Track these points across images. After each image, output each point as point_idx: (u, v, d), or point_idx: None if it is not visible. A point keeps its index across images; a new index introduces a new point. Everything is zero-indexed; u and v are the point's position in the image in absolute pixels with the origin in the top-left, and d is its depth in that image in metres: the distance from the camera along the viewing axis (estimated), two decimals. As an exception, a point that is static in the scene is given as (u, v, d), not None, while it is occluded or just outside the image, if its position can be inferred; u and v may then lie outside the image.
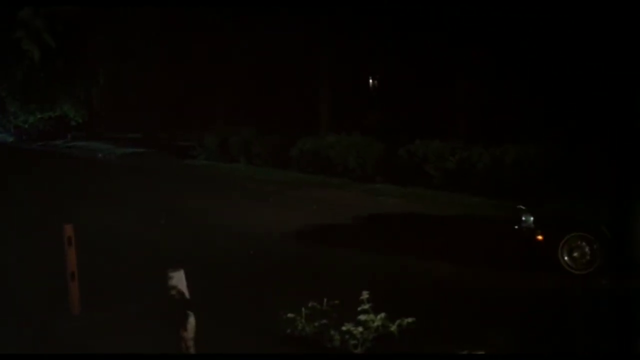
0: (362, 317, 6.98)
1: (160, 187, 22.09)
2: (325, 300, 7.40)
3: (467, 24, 20.33)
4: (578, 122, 18.25)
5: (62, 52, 22.17)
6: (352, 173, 22.00)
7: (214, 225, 14.94)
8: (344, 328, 6.95)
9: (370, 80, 30.30)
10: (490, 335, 7.48)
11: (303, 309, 7.33)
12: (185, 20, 30.39)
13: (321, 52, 27.17)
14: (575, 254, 9.95)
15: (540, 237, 10.26)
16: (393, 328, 6.92)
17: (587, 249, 9.89)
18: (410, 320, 6.93)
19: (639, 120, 14.59)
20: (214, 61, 32.54)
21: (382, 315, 6.99)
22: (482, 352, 6.63)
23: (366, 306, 7.05)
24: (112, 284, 9.85)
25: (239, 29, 29.20)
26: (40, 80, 37.98)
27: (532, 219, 10.42)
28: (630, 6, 15.45)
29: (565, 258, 9.99)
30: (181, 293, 6.15)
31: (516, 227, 10.70)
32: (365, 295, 7.12)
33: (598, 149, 14.73)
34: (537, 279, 9.91)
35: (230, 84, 32.98)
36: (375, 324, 6.94)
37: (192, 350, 6.12)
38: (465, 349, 6.67)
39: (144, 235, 13.85)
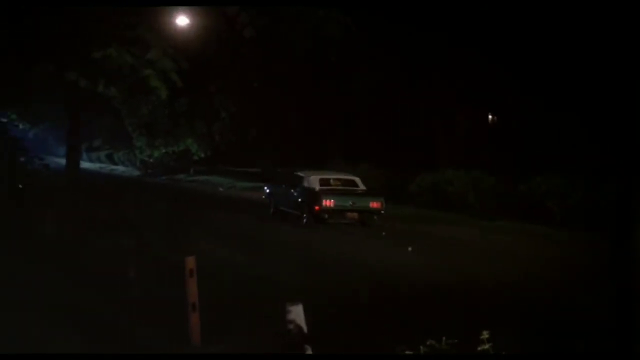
0: (482, 358, 6.80)
1: (277, 221, 22.38)
2: (444, 338, 7.25)
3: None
4: None
5: (187, 90, 22.96)
6: (471, 209, 21.70)
7: (333, 260, 15.00)
8: (462, 369, 6.80)
9: (490, 116, 29.98)
10: None
11: (421, 347, 7.20)
12: (303, 60, 30.98)
13: (438, 88, 27.08)
14: None
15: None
16: (513, 370, 6.72)
17: None
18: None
19: None
20: (332, 98, 32.94)
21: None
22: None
23: (486, 346, 6.86)
24: (232, 316, 9.97)
25: (356, 67, 29.49)
26: (165, 116, 39.54)
27: None
28: None
29: None
30: (299, 327, 6.17)
31: None
32: (485, 334, 6.93)
33: None
34: None
35: (348, 120, 33.29)
36: (495, 365, 6.75)
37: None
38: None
39: (261, 269, 14.00)
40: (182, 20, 17.75)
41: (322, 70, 31.34)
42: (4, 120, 25.75)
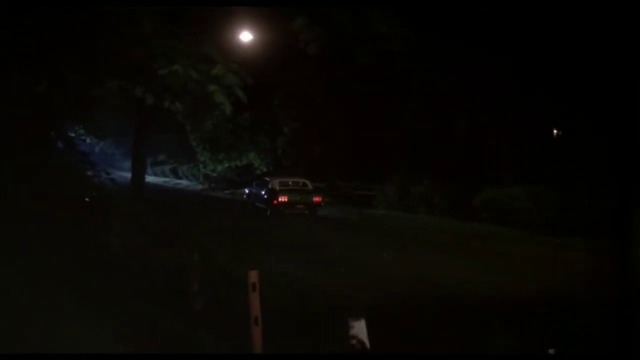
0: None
1: (340, 235, 22.39)
2: None
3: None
4: None
5: (250, 105, 23.19)
6: (536, 225, 21.35)
7: (404, 277, 14.92)
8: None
9: (555, 131, 29.57)
10: None
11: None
12: (365, 74, 31.04)
13: (500, 103, 26.84)
14: None
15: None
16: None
17: None
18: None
19: None
20: (395, 112, 32.88)
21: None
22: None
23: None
24: (293, 330, 9.98)
25: (419, 81, 29.42)
26: (229, 131, 39.95)
27: None
28: None
29: None
30: (361, 342, 6.17)
31: None
32: (551, 351, 6.84)
33: None
34: None
35: (410, 134, 33.17)
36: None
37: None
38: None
39: (323, 283, 14.00)
40: (245, 36, 17.98)
41: (384, 85, 31.38)
42: (72, 134, 26.37)
